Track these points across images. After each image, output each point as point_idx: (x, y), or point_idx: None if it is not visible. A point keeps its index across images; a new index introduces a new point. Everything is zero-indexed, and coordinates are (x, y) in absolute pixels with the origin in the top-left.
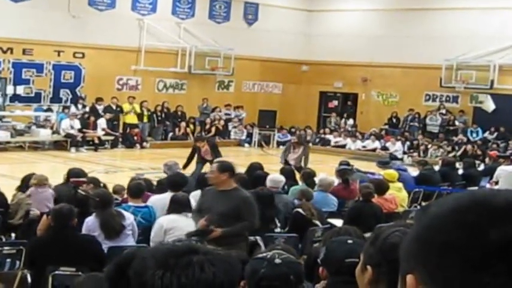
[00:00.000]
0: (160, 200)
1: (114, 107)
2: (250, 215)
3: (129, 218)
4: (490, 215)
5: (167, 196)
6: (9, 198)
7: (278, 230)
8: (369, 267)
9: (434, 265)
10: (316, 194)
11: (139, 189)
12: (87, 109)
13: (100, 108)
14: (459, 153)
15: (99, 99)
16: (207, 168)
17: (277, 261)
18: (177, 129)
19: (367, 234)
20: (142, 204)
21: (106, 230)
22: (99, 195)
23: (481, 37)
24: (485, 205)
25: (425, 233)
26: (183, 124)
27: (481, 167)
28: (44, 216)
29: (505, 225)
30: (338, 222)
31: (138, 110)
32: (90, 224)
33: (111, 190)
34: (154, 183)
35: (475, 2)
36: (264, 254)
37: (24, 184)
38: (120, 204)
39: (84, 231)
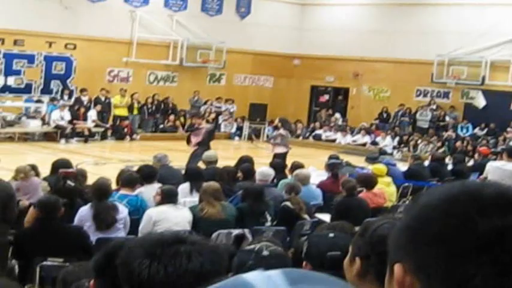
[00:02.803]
0: (143, 193)
1: (103, 99)
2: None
3: (123, 212)
4: (479, 206)
5: (147, 189)
6: None
7: (268, 224)
8: (357, 259)
9: (422, 255)
10: None
11: (131, 179)
12: (72, 100)
13: (85, 99)
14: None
15: (83, 90)
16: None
17: (265, 253)
18: (166, 122)
19: (355, 229)
20: (132, 193)
21: (98, 221)
22: (97, 186)
23: (473, 33)
24: (474, 196)
25: (413, 223)
26: (172, 117)
27: (471, 163)
28: (31, 208)
29: (494, 216)
30: (326, 217)
31: (129, 102)
32: (84, 214)
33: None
34: None
35: None
36: (252, 246)
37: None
38: None
39: (76, 220)
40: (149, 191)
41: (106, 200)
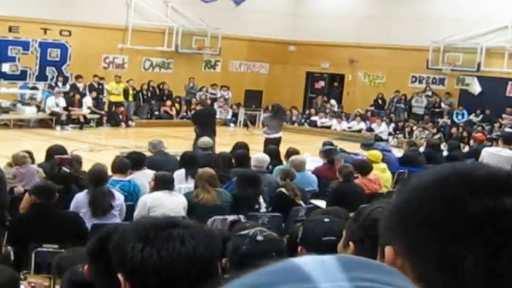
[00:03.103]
0: (139, 177)
1: (96, 85)
2: None
3: (119, 199)
4: (470, 187)
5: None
6: None
7: (263, 210)
8: (351, 243)
9: (413, 237)
10: None
11: (123, 165)
12: (68, 87)
13: (80, 86)
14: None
15: (78, 77)
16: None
17: (259, 238)
18: (162, 108)
19: (350, 215)
20: (125, 179)
21: (94, 207)
22: (93, 172)
23: (468, 19)
24: (465, 177)
25: (404, 205)
26: (168, 103)
27: (466, 149)
28: (26, 194)
29: (485, 197)
30: (321, 204)
31: (123, 88)
32: (80, 200)
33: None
34: None
35: None
36: (246, 232)
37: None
38: None
39: (72, 206)
40: (139, 177)
41: (102, 186)
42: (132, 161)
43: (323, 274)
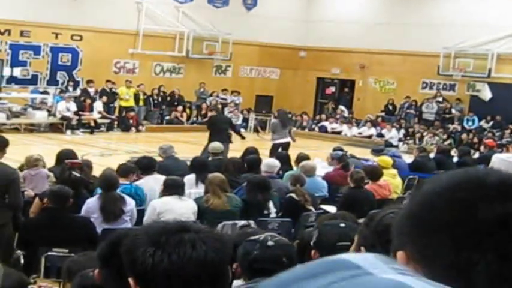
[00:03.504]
0: (142, 184)
1: (108, 90)
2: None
3: (130, 204)
4: (482, 193)
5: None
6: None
7: (273, 215)
8: (362, 248)
9: (425, 242)
10: None
11: (126, 169)
12: (78, 91)
13: (91, 90)
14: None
15: (89, 82)
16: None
17: (270, 243)
18: (173, 114)
19: (360, 221)
20: (127, 182)
21: (105, 213)
22: (104, 177)
23: (479, 26)
24: (477, 183)
25: (417, 210)
26: (180, 108)
27: (476, 155)
28: (37, 199)
29: (496, 202)
30: (331, 209)
31: (134, 93)
32: (91, 205)
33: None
34: None
35: None
36: (257, 237)
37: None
38: None
39: (83, 211)
40: (150, 182)
41: (113, 191)
42: (143, 166)
43: (369, 264)
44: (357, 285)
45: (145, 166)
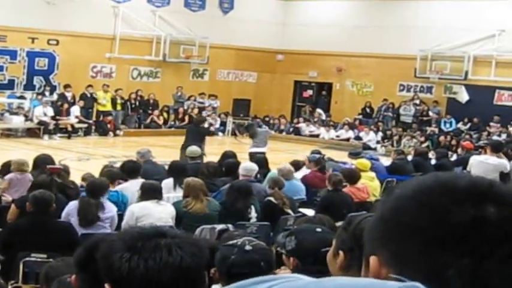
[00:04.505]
0: (127, 188)
1: (88, 95)
2: None
3: (111, 211)
4: (453, 196)
5: (131, 184)
6: None
7: (254, 220)
8: (341, 252)
9: (397, 246)
10: None
11: (111, 175)
12: (55, 96)
13: (69, 95)
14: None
15: (67, 86)
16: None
17: (248, 248)
18: (149, 118)
19: (339, 224)
20: (113, 189)
21: (80, 217)
22: (91, 183)
23: (455, 28)
24: (448, 186)
25: (388, 215)
26: (156, 112)
27: (454, 157)
28: (13, 206)
29: (467, 205)
30: (310, 212)
31: (111, 97)
32: (72, 208)
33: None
34: None
35: None
36: (234, 241)
37: (3, 170)
38: None
39: (64, 213)
40: (134, 186)
41: (94, 197)
42: (128, 169)
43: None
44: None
45: (130, 170)
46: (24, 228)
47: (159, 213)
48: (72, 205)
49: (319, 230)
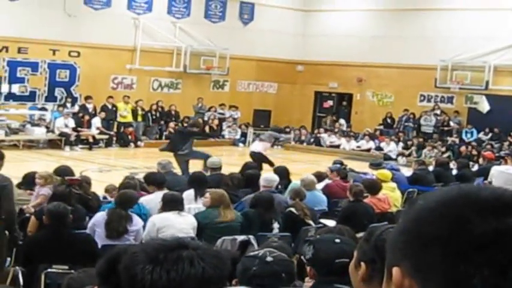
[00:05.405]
0: (152, 200)
1: (109, 107)
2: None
3: (137, 224)
4: (475, 208)
5: (157, 196)
6: None
7: (276, 231)
8: (362, 263)
9: (419, 257)
10: None
11: (130, 186)
12: (76, 108)
13: (90, 106)
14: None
15: (88, 98)
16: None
17: (269, 259)
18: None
19: (360, 234)
20: None
21: (108, 228)
22: (120, 195)
23: (476, 38)
24: (471, 198)
25: (411, 226)
26: (172, 124)
27: (475, 168)
28: (32, 217)
29: (490, 217)
30: (331, 223)
31: (131, 108)
32: (98, 219)
33: (103, 190)
34: None
35: (470, 2)
36: (256, 252)
37: (26, 181)
38: (110, 202)
39: (90, 224)
40: (159, 198)
41: (123, 209)
42: (155, 181)
43: None
44: None
45: (157, 181)
46: (43, 240)
47: (180, 224)
48: (100, 216)
49: (337, 240)
